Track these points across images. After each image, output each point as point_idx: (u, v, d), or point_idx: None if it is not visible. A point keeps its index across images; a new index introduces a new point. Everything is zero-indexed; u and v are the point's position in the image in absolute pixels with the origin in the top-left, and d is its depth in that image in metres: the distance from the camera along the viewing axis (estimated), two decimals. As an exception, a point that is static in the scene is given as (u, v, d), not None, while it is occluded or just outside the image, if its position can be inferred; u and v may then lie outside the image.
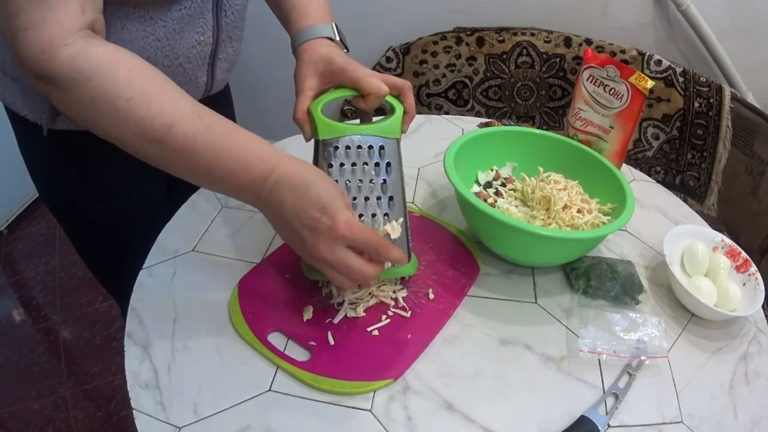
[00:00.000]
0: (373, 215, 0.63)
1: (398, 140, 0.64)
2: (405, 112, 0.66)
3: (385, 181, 0.63)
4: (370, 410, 0.57)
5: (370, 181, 0.63)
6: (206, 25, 0.70)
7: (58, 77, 0.51)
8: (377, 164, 0.63)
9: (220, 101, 0.90)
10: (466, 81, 1.56)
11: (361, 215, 0.63)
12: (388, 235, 0.62)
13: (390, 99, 0.66)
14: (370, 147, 0.63)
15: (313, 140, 0.65)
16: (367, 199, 0.63)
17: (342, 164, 0.62)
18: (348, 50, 0.72)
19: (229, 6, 0.72)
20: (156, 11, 0.64)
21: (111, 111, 0.51)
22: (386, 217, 0.63)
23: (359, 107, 0.67)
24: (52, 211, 0.84)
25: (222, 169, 0.55)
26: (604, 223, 0.72)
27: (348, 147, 0.62)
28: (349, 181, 0.62)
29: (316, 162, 0.64)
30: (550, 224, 0.72)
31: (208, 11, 0.70)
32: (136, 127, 0.52)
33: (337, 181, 0.62)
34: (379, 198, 0.63)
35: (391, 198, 0.63)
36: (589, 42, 1.46)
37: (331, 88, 0.68)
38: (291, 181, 0.55)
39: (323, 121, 0.62)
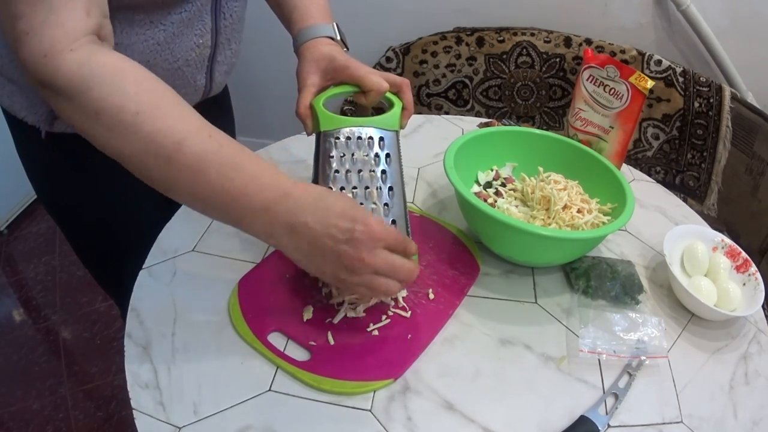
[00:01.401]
0: (374, 204, 0.63)
1: (397, 133, 0.66)
2: (403, 108, 0.67)
3: (384, 171, 0.64)
4: (370, 410, 0.57)
5: (370, 171, 0.63)
6: (205, 27, 0.70)
7: (61, 85, 0.48)
8: (377, 155, 0.64)
9: (218, 102, 0.90)
10: (466, 81, 1.56)
11: (361, 204, 0.63)
12: None
13: (389, 95, 0.68)
14: (370, 138, 0.64)
15: (314, 136, 0.66)
16: (367, 188, 0.63)
17: (342, 154, 0.63)
18: (348, 49, 0.72)
19: (227, 8, 0.72)
20: (156, 15, 0.64)
21: (116, 124, 0.49)
22: (386, 207, 0.63)
23: (359, 103, 0.68)
24: (50, 213, 0.83)
25: (234, 189, 0.51)
26: (604, 223, 0.72)
27: (348, 138, 0.63)
28: (350, 171, 0.63)
29: (317, 155, 0.64)
30: (550, 224, 0.72)
31: (207, 14, 0.70)
32: (143, 142, 0.49)
33: (338, 171, 0.63)
34: (379, 188, 0.63)
35: (390, 188, 0.64)
36: (589, 42, 1.46)
37: (332, 84, 0.69)
38: (309, 202, 0.53)
39: (325, 114, 0.64)
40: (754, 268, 0.72)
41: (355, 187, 0.63)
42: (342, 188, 0.62)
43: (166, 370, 0.59)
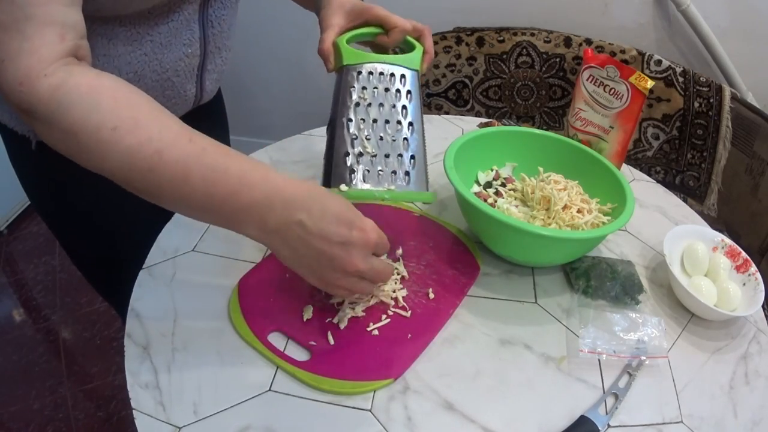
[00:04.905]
0: (393, 138, 0.63)
1: (418, 72, 0.67)
2: (424, 53, 0.68)
3: (405, 107, 0.65)
4: (370, 410, 0.57)
5: (391, 105, 0.64)
6: (193, 37, 0.70)
7: (38, 110, 0.47)
8: (398, 91, 0.65)
9: (212, 108, 0.90)
10: (466, 81, 1.56)
11: (380, 138, 0.63)
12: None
13: (410, 40, 0.69)
14: (392, 74, 0.66)
15: (334, 75, 0.66)
16: (387, 122, 0.64)
17: (364, 87, 0.64)
18: None
19: (215, 17, 0.72)
20: (143, 27, 0.64)
21: (95, 142, 0.48)
22: (405, 142, 0.64)
23: (382, 44, 0.69)
24: (45, 220, 0.83)
25: (221, 192, 0.50)
26: (604, 223, 0.72)
27: (371, 73, 0.65)
28: (370, 104, 0.64)
29: (337, 89, 0.64)
30: (550, 224, 0.72)
31: (194, 23, 0.69)
32: (124, 156, 0.48)
33: (358, 103, 0.63)
34: (399, 122, 0.64)
35: (411, 124, 0.64)
36: (589, 42, 1.46)
37: (355, 27, 0.70)
38: (303, 199, 0.52)
39: (348, 50, 0.65)
40: (754, 268, 0.72)
41: (375, 120, 0.63)
42: (362, 119, 0.62)
43: (166, 370, 0.59)
